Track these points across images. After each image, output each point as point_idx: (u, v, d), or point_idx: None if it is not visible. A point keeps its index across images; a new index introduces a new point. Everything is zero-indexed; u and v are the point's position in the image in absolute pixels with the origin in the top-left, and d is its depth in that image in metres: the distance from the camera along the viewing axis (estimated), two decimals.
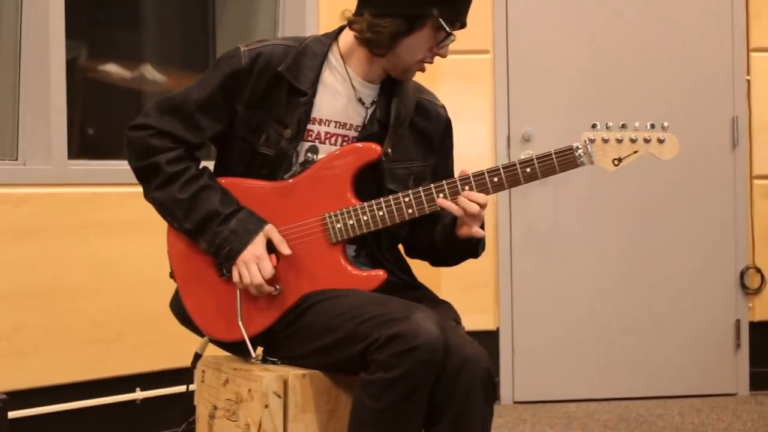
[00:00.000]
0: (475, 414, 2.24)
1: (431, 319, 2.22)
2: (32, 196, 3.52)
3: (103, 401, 3.65)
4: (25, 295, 3.45)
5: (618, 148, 2.40)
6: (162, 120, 2.44)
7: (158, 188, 2.42)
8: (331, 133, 2.47)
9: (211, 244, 2.40)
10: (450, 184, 2.37)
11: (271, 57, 2.44)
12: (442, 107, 2.64)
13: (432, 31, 2.38)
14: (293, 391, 2.36)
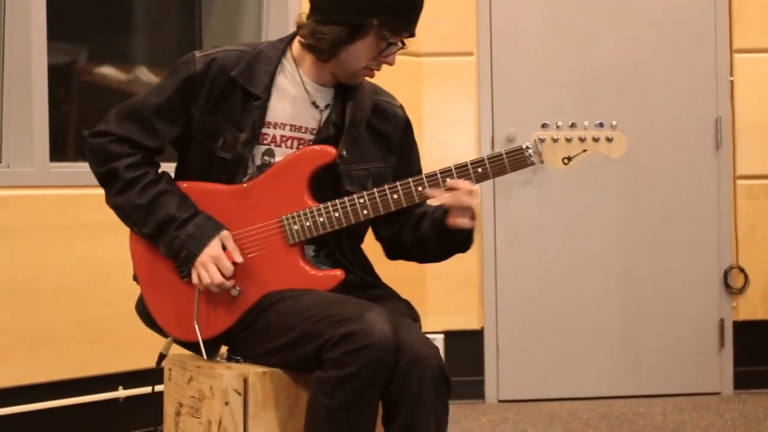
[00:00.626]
0: (428, 411, 2.29)
1: (383, 318, 2.26)
2: (15, 198, 3.58)
3: (86, 399, 3.71)
4: (7, 295, 3.51)
5: (567, 147, 2.44)
6: (121, 126, 2.49)
7: (117, 194, 2.48)
8: (287, 137, 2.51)
9: (169, 248, 2.45)
10: (403, 184, 2.42)
11: (225, 62, 2.50)
12: (400, 107, 2.68)
13: (375, 40, 2.42)
14: (253, 388, 2.41)
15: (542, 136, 2.44)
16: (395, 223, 2.60)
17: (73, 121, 4.99)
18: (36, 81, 3.65)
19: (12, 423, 3.52)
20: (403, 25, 2.43)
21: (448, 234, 2.47)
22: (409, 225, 2.58)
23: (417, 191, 2.42)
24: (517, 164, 2.43)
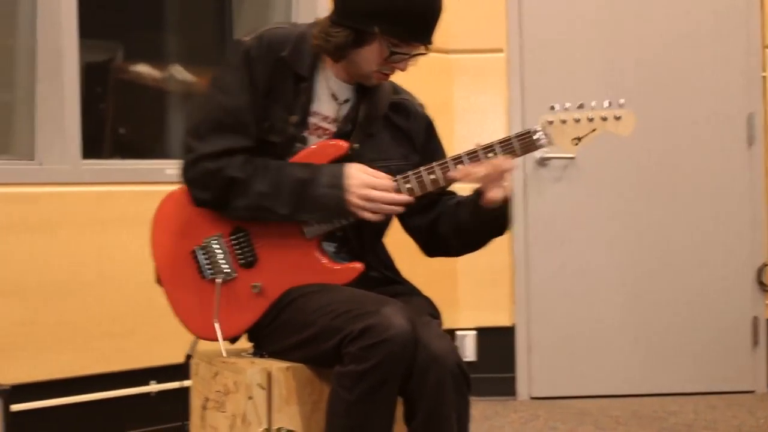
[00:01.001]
0: (448, 408, 2.30)
1: (402, 314, 2.28)
2: (47, 195, 3.63)
3: (118, 393, 3.75)
4: (41, 290, 3.56)
5: (576, 127, 2.44)
6: (208, 144, 2.44)
7: (240, 196, 2.43)
8: (317, 125, 2.52)
9: (317, 210, 2.41)
10: (415, 173, 2.44)
11: (273, 41, 2.48)
12: (420, 105, 2.67)
13: (380, 47, 2.41)
14: (277, 383, 2.44)
15: (550, 119, 2.44)
16: (429, 214, 2.60)
17: (109, 119, 5.06)
18: (67, 79, 3.69)
19: (46, 416, 3.57)
20: (407, 35, 2.40)
21: (484, 215, 2.47)
22: (446, 215, 2.58)
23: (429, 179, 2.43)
24: (527, 147, 2.44)
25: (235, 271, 2.51)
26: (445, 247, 2.67)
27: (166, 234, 2.58)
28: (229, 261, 2.51)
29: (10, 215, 3.52)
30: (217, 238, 2.52)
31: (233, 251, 2.51)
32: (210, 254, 2.52)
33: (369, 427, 2.28)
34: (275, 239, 2.50)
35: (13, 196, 3.56)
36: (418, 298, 2.58)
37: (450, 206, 2.58)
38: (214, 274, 2.52)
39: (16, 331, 3.50)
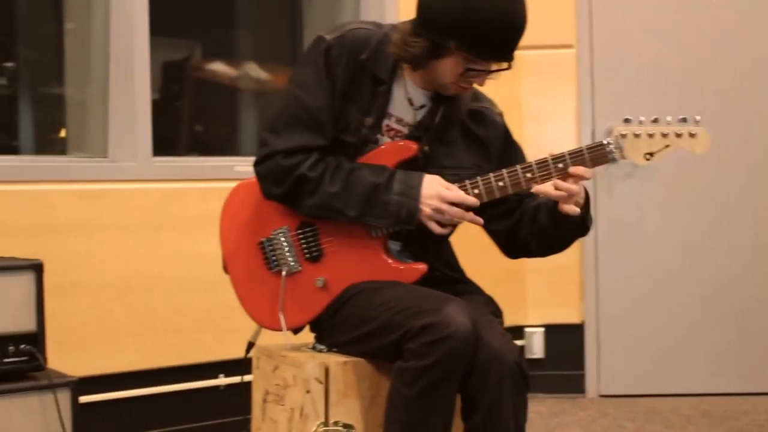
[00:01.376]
0: (507, 407, 2.31)
1: (463, 312, 2.28)
2: (119, 191, 3.71)
3: (187, 386, 3.82)
4: (112, 286, 3.64)
5: (649, 142, 2.43)
6: (284, 140, 2.46)
7: (311, 195, 2.46)
8: (391, 127, 2.54)
9: (385, 216, 2.42)
10: (484, 179, 2.44)
11: (355, 42, 2.48)
12: (499, 114, 2.65)
13: (456, 61, 2.39)
14: (335, 377, 2.46)
15: (624, 132, 2.43)
16: (509, 219, 2.59)
17: (185, 117, 5.16)
18: (139, 78, 3.77)
19: (121, 407, 3.67)
20: (484, 53, 2.37)
21: (563, 220, 2.46)
22: (526, 219, 2.57)
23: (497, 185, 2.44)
24: (598, 159, 2.43)
25: (300, 265, 2.55)
26: (526, 251, 2.65)
27: (235, 224, 2.63)
28: (295, 254, 2.55)
29: (84, 212, 3.61)
30: (284, 231, 2.56)
31: (299, 245, 2.55)
32: (276, 247, 2.56)
33: (428, 422, 2.30)
34: (342, 235, 2.52)
35: (87, 192, 3.64)
36: (480, 297, 2.59)
37: (530, 209, 2.56)
38: (280, 266, 2.56)
39: (87, 326, 3.58)
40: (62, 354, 3.38)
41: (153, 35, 5.48)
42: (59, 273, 3.49)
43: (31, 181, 3.55)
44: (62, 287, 3.50)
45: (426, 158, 2.50)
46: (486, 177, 2.44)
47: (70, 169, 3.69)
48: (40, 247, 3.41)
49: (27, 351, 2.74)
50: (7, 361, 2.72)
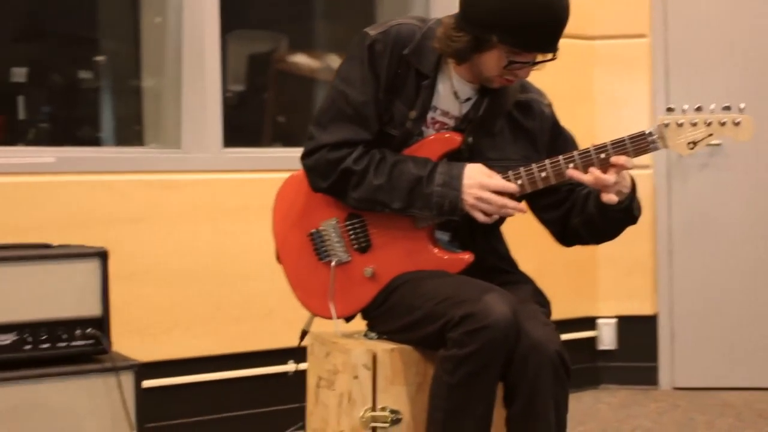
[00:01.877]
0: (546, 395, 2.33)
1: (503, 301, 2.32)
2: (191, 182, 3.82)
3: (257, 372, 3.91)
4: (184, 274, 3.75)
5: (692, 131, 2.42)
6: (329, 134, 2.52)
7: (355, 188, 2.51)
8: (437, 120, 2.57)
9: (429, 208, 2.46)
10: (527, 170, 2.47)
11: (398, 38, 2.52)
12: (548, 106, 2.66)
13: (499, 54, 2.41)
14: (382, 364, 2.52)
15: (666, 121, 2.43)
16: (560, 208, 2.62)
17: (269, 108, 5.26)
18: (209, 72, 3.86)
19: (190, 391, 3.78)
20: (525, 45, 2.39)
21: (609, 209, 2.47)
22: (577, 208, 2.58)
23: (540, 176, 2.46)
24: (640, 149, 2.43)
25: (349, 255, 2.61)
26: (579, 239, 2.67)
27: (286, 216, 2.71)
28: (344, 245, 2.61)
29: (156, 202, 3.73)
30: (333, 222, 2.62)
31: (348, 236, 2.60)
32: (326, 238, 2.62)
33: (469, 409, 2.34)
34: (389, 226, 2.57)
35: (160, 183, 3.76)
36: (526, 287, 2.61)
37: (580, 198, 2.58)
38: (329, 256, 2.62)
39: (158, 313, 3.70)
40: (133, 339, 3.53)
41: (240, 28, 5.62)
42: (131, 261, 3.63)
43: (107, 172, 3.67)
44: (135, 274, 3.63)
45: (471, 150, 2.53)
46: (529, 167, 2.46)
47: (144, 160, 3.80)
48: (113, 235, 3.56)
49: (92, 335, 2.85)
50: (74, 344, 2.84)
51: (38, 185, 3.52)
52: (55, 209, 3.52)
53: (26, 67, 5.03)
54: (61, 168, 3.59)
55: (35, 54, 5.14)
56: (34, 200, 3.50)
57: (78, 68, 5.17)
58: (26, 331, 2.78)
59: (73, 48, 5.23)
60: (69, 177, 3.59)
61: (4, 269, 2.77)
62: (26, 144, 4.69)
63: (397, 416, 2.52)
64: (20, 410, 2.72)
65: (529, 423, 2.33)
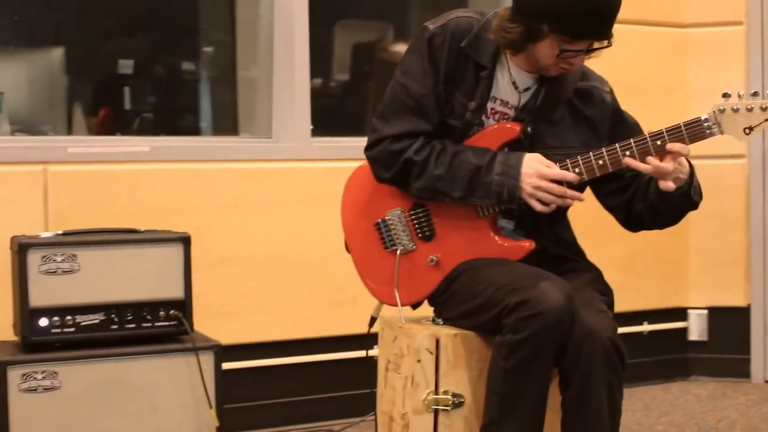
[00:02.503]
0: (599, 382, 2.37)
1: (558, 288, 2.37)
2: (281, 170, 3.94)
3: (341, 356, 4.01)
4: (273, 259, 3.87)
5: (748, 116, 2.42)
6: (391, 126, 2.62)
7: (417, 178, 2.59)
8: (497, 110, 2.63)
9: (488, 197, 2.53)
10: (584, 158, 2.51)
11: (456, 31, 2.60)
12: (608, 93, 2.69)
13: (552, 44, 2.45)
14: (445, 348, 2.59)
15: (722, 107, 2.44)
16: (624, 194, 2.65)
17: (372, 97, 5.36)
18: (298, 63, 3.97)
19: (276, 372, 3.91)
20: (576, 34, 2.43)
21: (667, 196, 2.51)
22: (639, 194, 2.62)
23: (597, 164, 2.49)
24: (695, 136, 2.46)
25: (414, 244, 2.69)
26: (643, 224, 2.70)
27: (354, 206, 2.80)
28: (409, 234, 2.69)
29: (247, 189, 3.86)
30: (398, 212, 2.70)
31: (413, 225, 2.68)
32: (391, 227, 2.71)
33: (523, 393, 2.40)
34: (452, 216, 2.64)
35: (250, 171, 3.89)
36: (587, 275, 2.65)
37: (643, 184, 2.62)
38: (395, 245, 2.70)
39: (247, 297, 3.83)
40: (219, 321, 3.67)
41: (347, 18, 5.73)
42: (221, 246, 3.77)
43: (198, 160, 3.82)
44: (224, 259, 3.77)
45: (531, 139, 2.58)
46: (586, 156, 2.50)
47: (232, 149, 3.94)
48: (203, 221, 3.71)
49: (175, 316, 2.99)
50: (157, 324, 2.99)
51: (134, 173, 3.69)
52: (150, 196, 3.68)
53: (132, 59, 5.25)
54: (155, 156, 3.74)
55: (141, 46, 5.36)
56: (130, 187, 3.66)
57: (181, 59, 5.37)
58: (113, 311, 2.94)
59: (177, 40, 5.43)
60: (163, 165, 3.74)
61: (93, 253, 2.93)
62: (131, 133, 4.91)
63: (459, 399, 2.59)
64: (106, 386, 2.88)
65: (582, 409, 2.38)
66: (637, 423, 3.96)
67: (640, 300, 4.57)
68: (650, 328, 4.62)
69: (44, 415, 2.82)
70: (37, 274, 2.87)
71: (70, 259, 2.89)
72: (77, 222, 3.40)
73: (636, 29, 4.49)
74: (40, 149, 3.61)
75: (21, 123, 4.80)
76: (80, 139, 4.30)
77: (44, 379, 2.82)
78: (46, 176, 3.54)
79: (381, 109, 2.67)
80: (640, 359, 4.56)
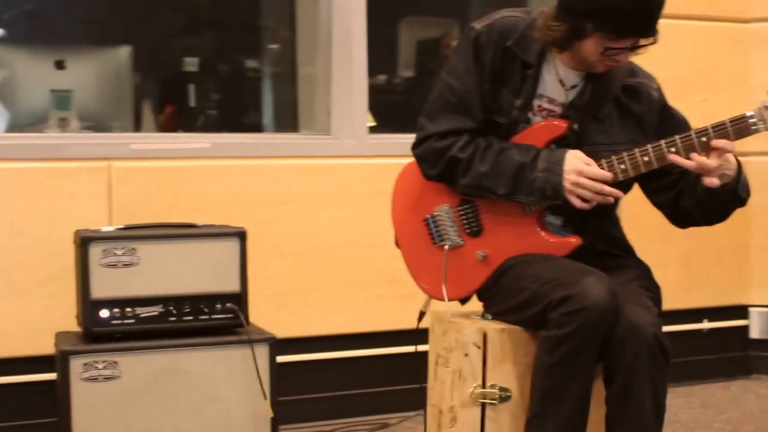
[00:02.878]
0: (643, 378, 2.38)
1: (602, 284, 2.39)
2: (340, 166, 4.00)
3: (397, 350, 4.05)
4: (331, 253, 3.93)
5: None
6: (437, 124, 2.67)
7: (463, 175, 2.63)
8: (543, 107, 2.66)
9: (533, 194, 2.56)
10: (630, 154, 2.53)
11: (503, 30, 2.63)
12: (656, 89, 2.70)
13: (597, 41, 2.47)
14: (492, 343, 2.62)
15: (767, 103, 2.43)
16: (672, 191, 2.66)
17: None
18: (356, 60, 4.02)
19: (334, 365, 3.98)
20: (620, 31, 2.44)
21: (714, 192, 2.52)
22: (688, 190, 2.63)
23: (643, 160, 2.51)
24: (740, 132, 2.46)
25: (462, 239, 2.72)
26: (692, 220, 2.71)
27: (403, 202, 2.85)
28: (457, 229, 2.72)
29: (308, 185, 3.92)
30: (446, 208, 2.74)
31: (461, 221, 2.72)
32: (440, 222, 2.75)
33: (567, 388, 2.42)
34: (499, 212, 2.68)
35: (311, 168, 3.95)
36: (633, 271, 2.66)
37: (691, 180, 2.62)
38: (443, 240, 2.74)
39: (305, 290, 3.89)
40: (278, 313, 3.75)
41: (412, 14, 5.77)
42: (282, 241, 3.84)
43: (257, 157, 3.89)
44: (284, 254, 3.85)
45: (578, 136, 2.60)
46: (631, 152, 2.52)
47: (294, 145, 4.02)
48: (264, 216, 3.78)
49: (231, 309, 3.06)
50: (215, 317, 3.06)
51: (195, 169, 3.78)
52: (210, 191, 3.76)
53: (198, 57, 5.35)
54: (216, 153, 3.83)
55: (206, 44, 5.46)
56: (191, 183, 3.75)
57: (245, 57, 5.47)
58: (171, 303, 3.03)
59: (241, 37, 5.52)
60: (223, 162, 3.82)
61: (152, 247, 3.02)
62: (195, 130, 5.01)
63: (506, 393, 2.62)
64: (164, 376, 2.97)
65: (626, 404, 2.40)
66: (694, 420, 3.95)
67: (701, 297, 4.55)
68: (711, 326, 4.59)
69: (104, 403, 2.91)
70: (98, 266, 2.96)
71: (130, 253, 2.98)
72: (140, 217, 3.49)
73: (697, 25, 4.47)
74: (105, 146, 3.72)
75: (90, 120, 4.92)
76: (143, 136, 4.41)
77: (105, 368, 2.92)
78: (110, 172, 3.64)
79: (427, 108, 2.71)
80: (700, 357, 4.56)
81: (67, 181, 3.58)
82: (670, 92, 2.78)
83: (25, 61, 5.12)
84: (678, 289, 4.49)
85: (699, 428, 3.85)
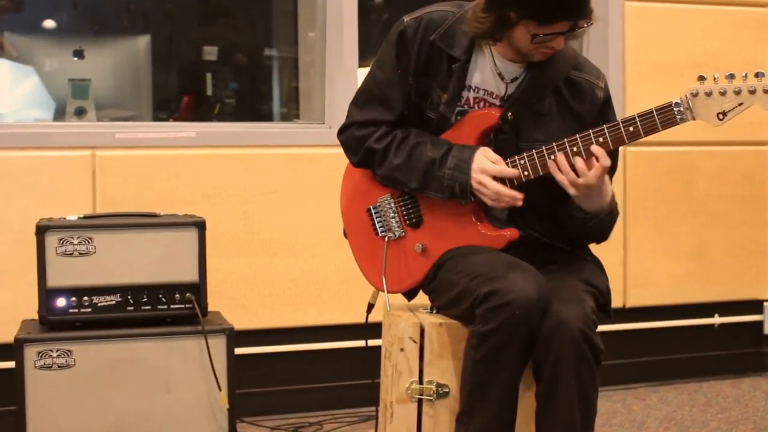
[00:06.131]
0: (568, 374, 2.31)
1: (529, 279, 2.32)
2: (334, 155, 3.94)
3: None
4: (321, 244, 3.90)
5: (721, 101, 2.31)
6: (360, 113, 2.68)
7: (379, 166, 2.63)
8: (479, 99, 2.59)
9: (442, 190, 2.53)
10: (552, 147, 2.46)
11: (430, 24, 2.59)
12: (602, 88, 2.60)
13: (525, 29, 2.39)
14: (429, 338, 2.56)
15: (695, 91, 2.33)
16: None
17: None
18: (347, 50, 3.97)
19: (325, 355, 3.97)
20: (544, 17, 2.36)
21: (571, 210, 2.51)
22: None
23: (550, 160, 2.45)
24: (667, 122, 2.36)
25: (403, 231, 2.66)
26: (581, 239, 2.67)
27: (349, 192, 2.81)
28: (398, 221, 2.67)
29: (295, 175, 3.90)
30: (388, 198, 2.68)
31: (401, 212, 2.66)
32: (382, 213, 2.69)
33: (493, 384, 2.35)
34: (438, 203, 2.61)
35: (302, 156, 3.93)
36: (576, 265, 2.57)
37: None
38: (384, 231, 2.69)
39: (292, 281, 3.89)
40: (264, 304, 3.73)
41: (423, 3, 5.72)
42: (268, 231, 3.82)
43: (241, 146, 3.88)
44: (271, 243, 3.83)
45: (515, 128, 2.52)
46: (540, 150, 2.46)
47: (278, 134, 4.02)
48: (249, 207, 3.77)
49: (189, 299, 3.04)
50: (173, 307, 3.05)
51: (180, 158, 3.77)
52: (195, 181, 3.76)
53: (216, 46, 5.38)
54: (201, 142, 3.82)
55: (223, 34, 5.48)
56: (176, 172, 3.75)
57: (260, 46, 5.47)
58: (129, 293, 3.02)
59: (257, 27, 5.52)
60: (208, 150, 3.81)
61: (109, 236, 3.01)
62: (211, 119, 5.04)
63: (443, 389, 2.56)
64: (119, 366, 2.96)
65: (551, 400, 2.33)
66: (690, 418, 3.83)
67: (712, 291, 4.40)
68: (722, 321, 4.44)
69: (58, 392, 2.92)
70: (55, 255, 2.96)
71: (86, 242, 2.98)
72: (124, 206, 3.51)
73: (714, 9, 4.32)
74: (89, 135, 3.74)
75: (107, 108, 4.98)
76: (128, 125, 4.42)
77: (59, 357, 2.92)
78: (94, 161, 3.66)
79: (355, 96, 2.70)
80: (709, 353, 4.43)
81: (51, 170, 3.61)
82: (687, 79, 2.56)
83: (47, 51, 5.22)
84: (688, 282, 4.36)
85: (694, 427, 3.73)
